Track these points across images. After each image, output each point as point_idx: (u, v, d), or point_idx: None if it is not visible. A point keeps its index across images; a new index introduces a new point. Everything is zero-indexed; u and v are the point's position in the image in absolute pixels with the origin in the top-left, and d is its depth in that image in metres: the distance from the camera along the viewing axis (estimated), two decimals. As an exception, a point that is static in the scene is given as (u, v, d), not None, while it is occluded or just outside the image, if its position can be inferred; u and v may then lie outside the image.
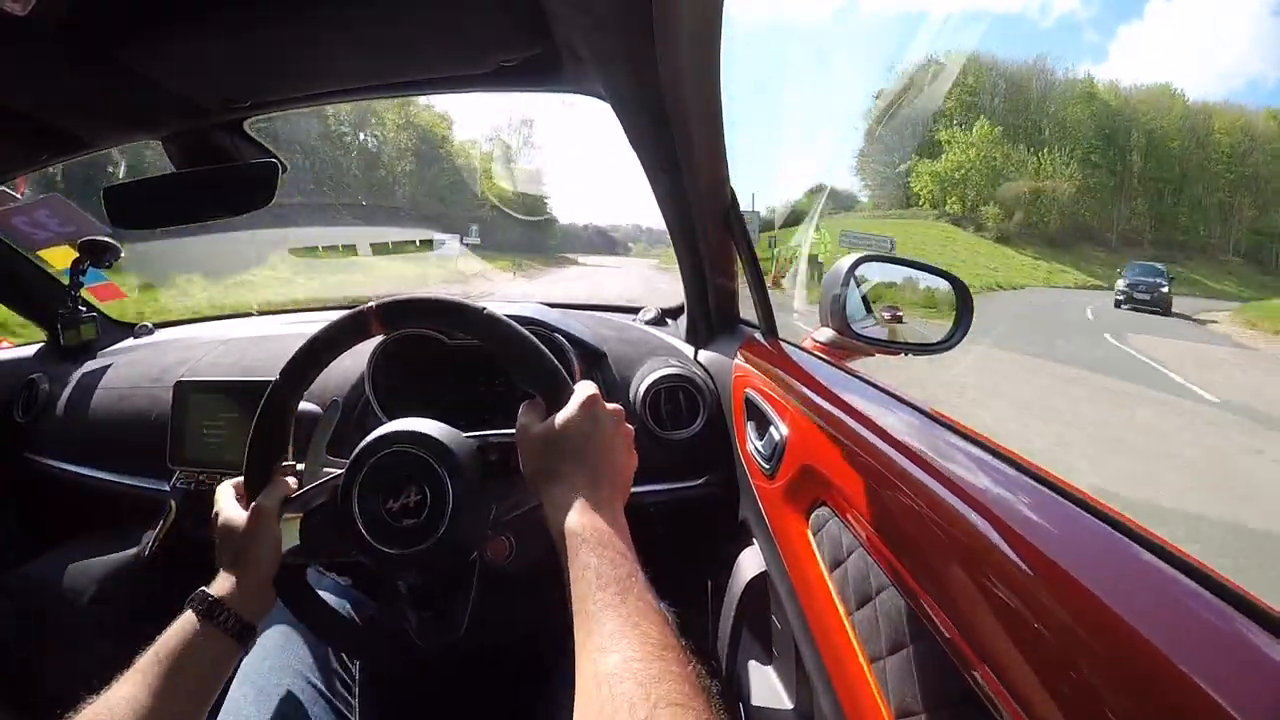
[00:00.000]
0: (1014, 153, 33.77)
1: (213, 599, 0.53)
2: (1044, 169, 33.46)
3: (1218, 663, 0.28)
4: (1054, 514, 0.39)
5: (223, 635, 0.51)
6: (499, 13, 0.62)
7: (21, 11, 0.44)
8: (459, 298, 0.59)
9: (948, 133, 33.63)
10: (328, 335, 0.60)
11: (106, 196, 0.83)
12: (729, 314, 1.09)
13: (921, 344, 0.91)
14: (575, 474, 0.48)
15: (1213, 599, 0.30)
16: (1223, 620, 0.29)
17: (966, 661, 0.38)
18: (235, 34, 0.63)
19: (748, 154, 17.90)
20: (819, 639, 0.60)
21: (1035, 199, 31.67)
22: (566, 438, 0.50)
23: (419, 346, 1.01)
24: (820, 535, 0.63)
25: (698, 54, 0.59)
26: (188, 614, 0.51)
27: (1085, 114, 35.00)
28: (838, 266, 0.87)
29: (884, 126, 35.70)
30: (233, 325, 1.54)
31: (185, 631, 0.50)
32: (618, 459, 0.51)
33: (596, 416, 0.52)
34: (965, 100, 35.25)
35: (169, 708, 0.46)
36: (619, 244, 21.61)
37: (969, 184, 32.10)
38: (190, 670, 0.49)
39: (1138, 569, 0.34)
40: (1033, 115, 35.41)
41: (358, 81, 0.79)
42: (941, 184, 32.50)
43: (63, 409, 1.24)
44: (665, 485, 1.00)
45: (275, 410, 0.60)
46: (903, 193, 34.72)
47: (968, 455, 0.48)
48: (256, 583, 0.55)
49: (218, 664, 0.51)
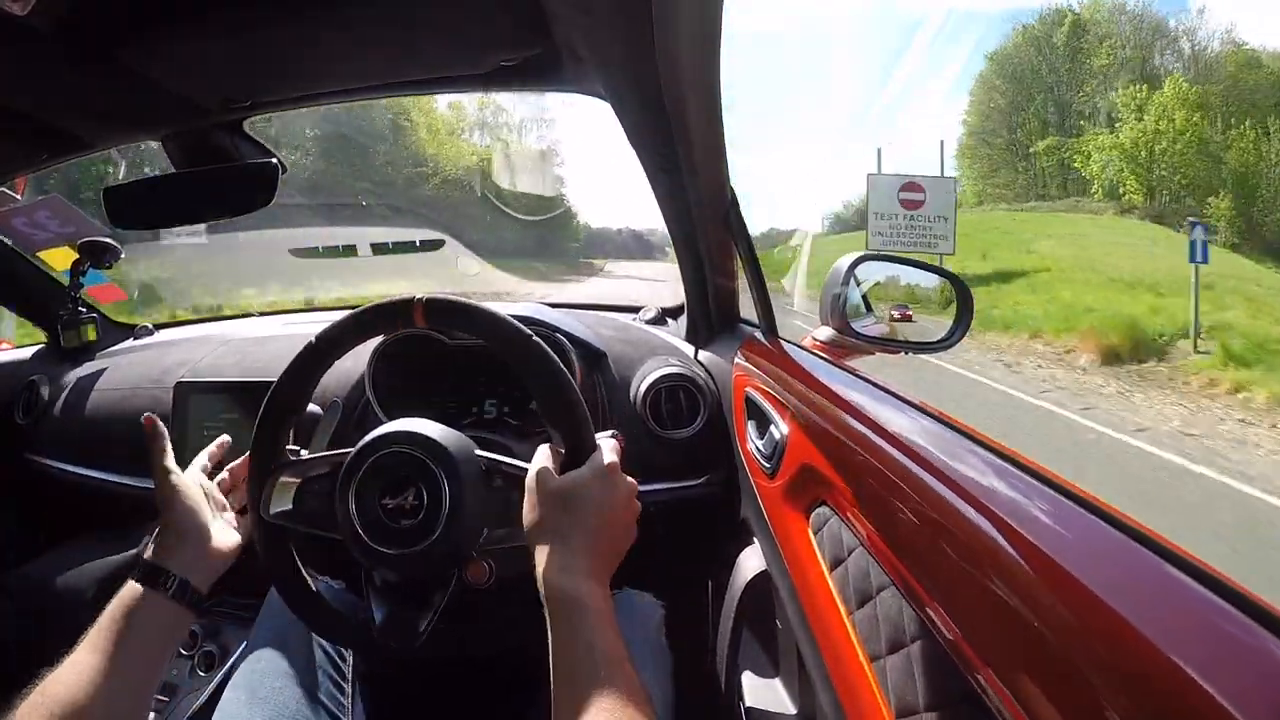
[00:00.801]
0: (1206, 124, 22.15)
1: (158, 568, 0.52)
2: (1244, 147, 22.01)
3: (1220, 663, 0.28)
4: (1055, 513, 0.39)
5: (169, 603, 0.51)
6: (499, 13, 0.62)
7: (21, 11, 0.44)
8: (505, 313, 0.58)
9: (1128, 93, 22.37)
10: (370, 316, 0.60)
11: (106, 196, 0.83)
12: (729, 313, 1.09)
13: (922, 343, 0.91)
14: (578, 539, 0.47)
15: (1215, 599, 0.30)
16: (1225, 620, 0.29)
17: (967, 661, 0.38)
18: (235, 34, 0.63)
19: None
20: (819, 638, 0.60)
21: (1251, 187, 20.40)
22: (579, 499, 0.49)
23: (419, 346, 1.01)
24: (821, 534, 0.63)
25: (698, 54, 0.59)
26: (132, 588, 0.51)
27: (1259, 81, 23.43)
28: (838, 266, 0.87)
29: (1000, 95, 26.34)
30: (233, 326, 1.53)
31: (129, 604, 0.50)
32: (620, 534, 0.51)
33: (614, 486, 0.51)
34: (1122, 57, 24.37)
35: (120, 676, 0.46)
36: (656, 248, 20.93)
37: (1166, 163, 21.61)
38: (138, 638, 0.49)
39: (1139, 569, 0.34)
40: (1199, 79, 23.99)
41: (358, 81, 0.79)
42: (1129, 162, 21.81)
43: (63, 410, 1.24)
44: (665, 485, 0.99)
45: (299, 380, 0.60)
46: (1030, 178, 25.29)
47: (969, 454, 0.48)
48: (220, 551, 0.56)
49: (166, 630, 0.51)
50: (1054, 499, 0.40)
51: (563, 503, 0.49)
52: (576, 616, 0.42)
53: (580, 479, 0.51)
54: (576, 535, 0.47)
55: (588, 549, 0.47)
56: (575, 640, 0.41)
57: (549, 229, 24.08)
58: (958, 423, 0.54)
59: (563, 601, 0.43)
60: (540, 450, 0.55)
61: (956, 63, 39.52)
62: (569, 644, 0.41)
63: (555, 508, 0.49)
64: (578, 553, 0.46)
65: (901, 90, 46.03)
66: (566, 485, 0.50)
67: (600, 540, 0.48)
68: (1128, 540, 0.35)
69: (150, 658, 0.50)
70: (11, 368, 1.34)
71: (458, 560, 0.57)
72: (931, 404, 0.58)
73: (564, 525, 0.48)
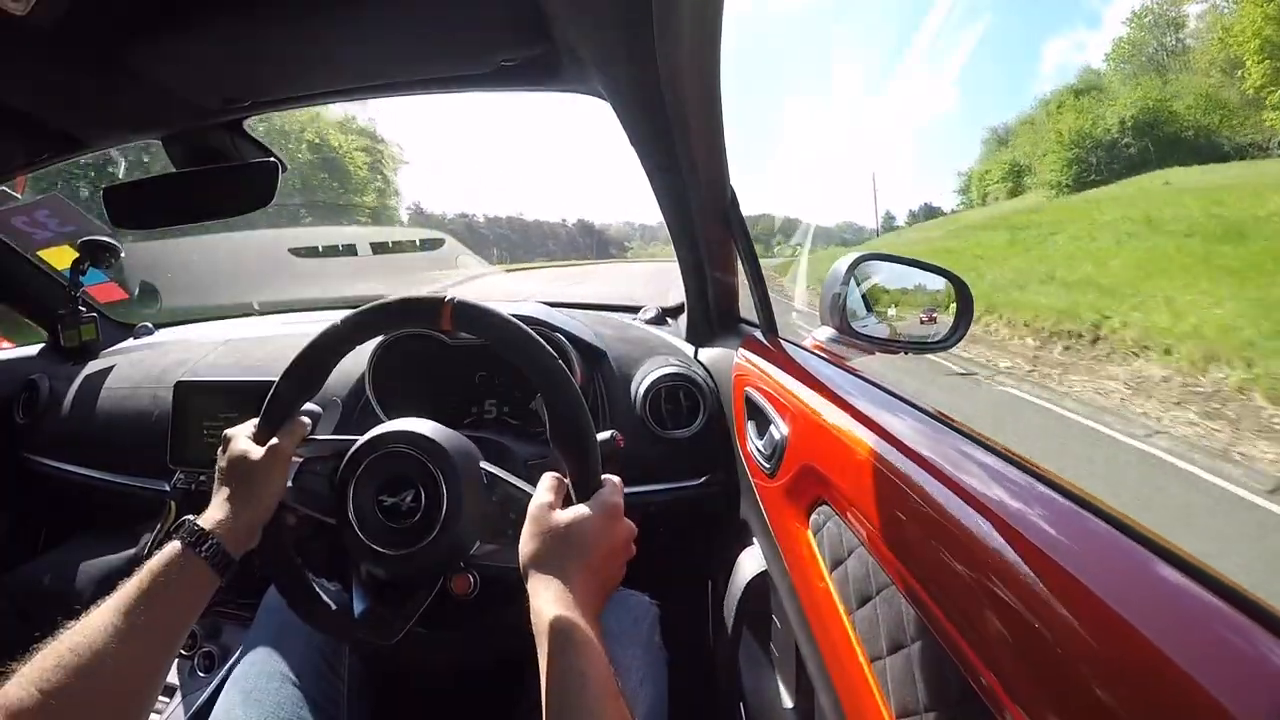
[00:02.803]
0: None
1: (200, 530, 0.53)
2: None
3: (1219, 663, 0.28)
4: (1055, 513, 0.39)
5: (204, 564, 0.52)
6: (499, 13, 0.62)
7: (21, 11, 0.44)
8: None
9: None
10: (400, 307, 0.59)
11: (106, 196, 0.83)
12: (729, 313, 1.09)
13: (922, 342, 0.91)
14: (574, 574, 0.48)
15: (1214, 599, 0.30)
16: (1225, 621, 0.29)
17: (967, 661, 0.38)
18: (235, 34, 0.63)
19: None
20: (819, 639, 0.60)
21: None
22: (580, 535, 0.50)
23: (419, 346, 1.01)
24: (820, 535, 0.63)
25: (698, 54, 0.59)
26: (173, 544, 0.52)
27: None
28: (838, 265, 0.87)
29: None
30: (233, 326, 1.54)
31: (169, 559, 0.51)
32: (614, 574, 0.52)
33: (615, 528, 0.52)
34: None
35: (143, 634, 0.47)
36: (613, 243, 20.25)
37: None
38: (167, 597, 0.49)
39: (1139, 569, 0.34)
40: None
41: (358, 81, 0.79)
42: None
43: (63, 410, 1.24)
44: (665, 485, 0.99)
45: (323, 350, 0.60)
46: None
47: (969, 455, 0.48)
48: (250, 520, 0.56)
49: (195, 592, 0.52)
50: (1054, 499, 0.40)
51: (563, 537, 0.50)
52: (571, 648, 0.43)
53: (583, 516, 0.51)
54: (573, 571, 0.48)
55: (583, 585, 0.48)
56: (569, 671, 0.42)
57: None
58: (958, 423, 0.54)
59: (557, 633, 0.44)
60: (545, 478, 0.55)
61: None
62: (563, 675, 0.42)
63: (555, 541, 0.50)
64: (573, 588, 0.47)
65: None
66: (569, 521, 0.51)
67: (595, 578, 0.49)
68: (1127, 540, 0.35)
69: (175, 617, 0.50)
70: (11, 367, 1.34)
71: (445, 568, 0.58)
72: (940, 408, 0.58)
73: (562, 560, 0.49)
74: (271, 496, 0.57)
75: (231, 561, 0.54)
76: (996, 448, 0.48)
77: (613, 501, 0.53)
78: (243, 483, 0.57)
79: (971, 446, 0.49)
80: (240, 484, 0.57)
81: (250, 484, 0.57)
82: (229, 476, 0.57)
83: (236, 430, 0.61)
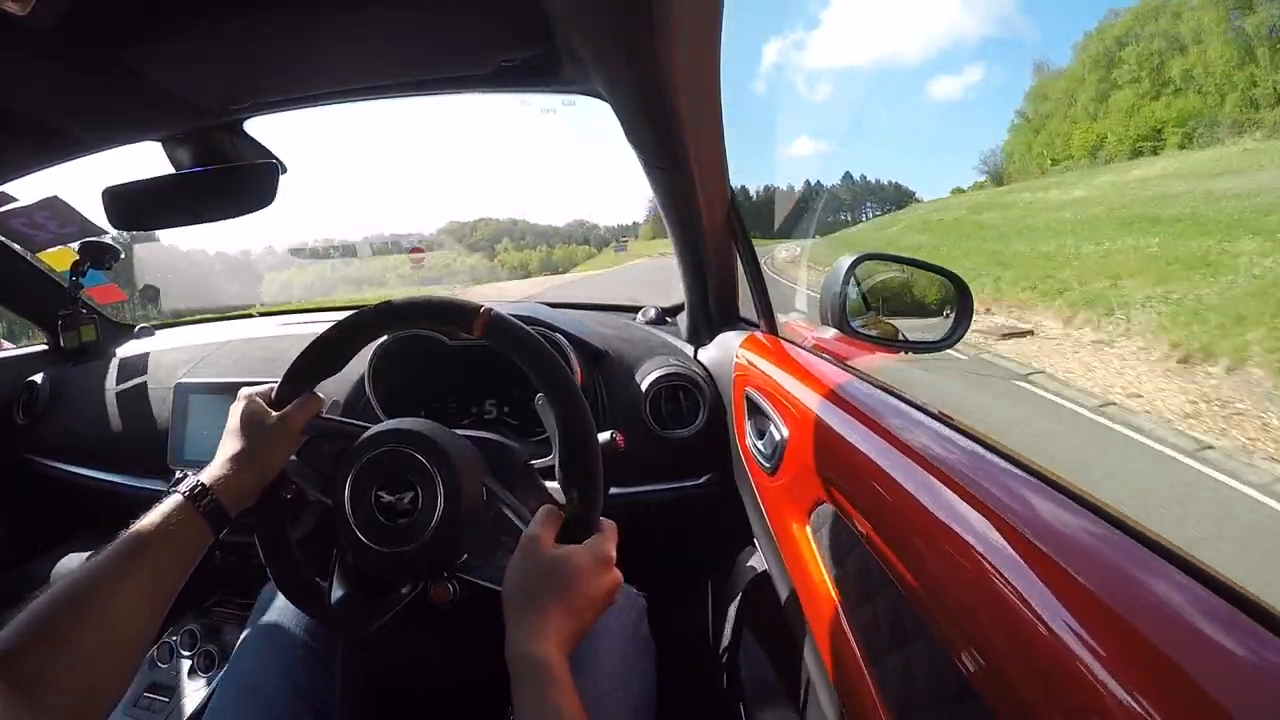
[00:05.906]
0: None
1: (200, 484, 0.53)
2: None
3: (1219, 663, 0.28)
4: (1055, 513, 0.39)
5: (200, 518, 0.52)
6: (499, 13, 0.62)
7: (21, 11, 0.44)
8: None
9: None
10: (439, 306, 0.58)
11: (106, 197, 0.83)
12: (729, 312, 1.09)
13: (922, 342, 0.91)
14: (554, 611, 0.48)
15: (1214, 599, 0.30)
16: (1224, 620, 0.29)
17: (966, 661, 0.38)
18: (235, 35, 0.63)
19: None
20: (819, 638, 0.60)
21: None
22: (566, 576, 0.50)
23: (419, 347, 1.01)
24: (820, 534, 0.63)
25: (698, 53, 0.59)
26: (174, 496, 0.53)
27: None
28: (838, 265, 0.87)
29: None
30: (233, 327, 1.53)
31: (168, 510, 0.51)
32: (590, 619, 0.51)
33: (600, 580, 0.51)
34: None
35: (136, 579, 0.47)
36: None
37: None
38: (162, 547, 0.50)
39: (1140, 569, 0.34)
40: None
41: (358, 82, 0.79)
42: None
43: (63, 410, 1.24)
44: (665, 485, 1.00)
45: (353, 329, 0.60)
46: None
47: (969, 454, 0.48)
48: (251, 482, 0.56)
49: (190, 545, 0.52)
50: (1054, 498, 0.40)
51: (548, 575, 0.50)
52: (543, 682, 0.44)
53: (574, 557, 0.51)
54: (553, 607, 0.48)
55: (558, 623, 0.48)
56: (544, 704, 0.43)
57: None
58: (959, 422, 0.54)
59: (531, 665, 0.45)
60: (543, 511, 0.55)
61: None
62: (537, 706, 0.43)
63: (540, 577, 0.50)
64: (550, 623, 0.47)
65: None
66: (558, 559, 0.51)
67: (571, 618, 0.49)
68: (1127, 539, 0.35)
69: (169, 566, 0.51)
70: (11, 368, 1.34)
71: (430, 574, 0.58)
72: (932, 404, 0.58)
73: (545, 595, 0.49)
74: (275, 463, 0.58)
75: (227, 518, 0.54)
76: (997, 447, 0.48)
77: (605, 551, 0.52)
78: (250, 443, 0.56)
79: (972, 446, 0.49)
80: (247, 444, 0.56)
81: (256, 446, 0.57)
82: (238, 434, 0.57)
83: (252, 390, 0.61)
